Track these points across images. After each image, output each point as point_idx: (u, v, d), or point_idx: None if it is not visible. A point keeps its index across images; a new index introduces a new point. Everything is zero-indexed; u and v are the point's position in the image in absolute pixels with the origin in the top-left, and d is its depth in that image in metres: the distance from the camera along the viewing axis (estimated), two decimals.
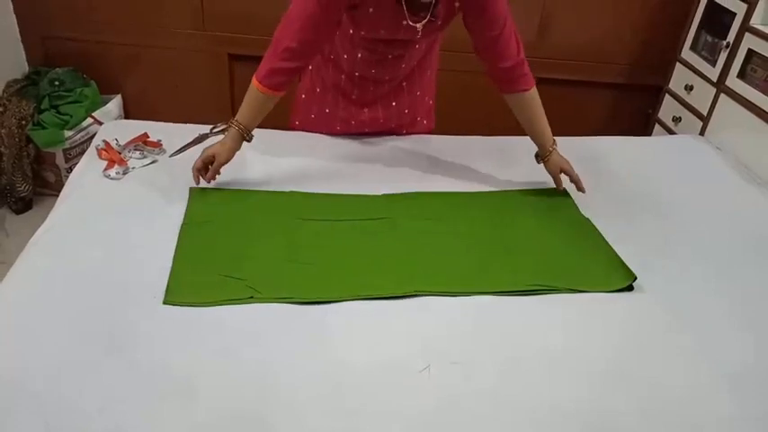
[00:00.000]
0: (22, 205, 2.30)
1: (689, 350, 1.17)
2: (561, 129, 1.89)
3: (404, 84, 1.71)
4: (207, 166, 1.47)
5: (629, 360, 1.14)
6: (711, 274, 1.37)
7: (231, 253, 1.31)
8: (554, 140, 1.57)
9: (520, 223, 1.48)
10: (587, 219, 1.50)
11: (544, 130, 1.57)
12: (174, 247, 1.30)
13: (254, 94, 1.46)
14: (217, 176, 1.48)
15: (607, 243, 1.41)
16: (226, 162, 1.46)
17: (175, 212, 1.41)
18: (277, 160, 1.63)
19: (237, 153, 1.50)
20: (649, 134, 2.40)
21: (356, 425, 0.99)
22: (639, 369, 1.12)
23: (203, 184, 1.48)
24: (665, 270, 1.37)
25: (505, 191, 1.61)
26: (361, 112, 1.72)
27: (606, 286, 1.29)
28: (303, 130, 1.79)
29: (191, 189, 1.48)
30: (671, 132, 2.28)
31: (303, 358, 1.09)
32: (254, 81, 1.45)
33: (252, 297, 1.19)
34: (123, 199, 1.44)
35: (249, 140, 1.49)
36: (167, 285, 1.21)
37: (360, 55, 1.59)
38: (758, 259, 1.43)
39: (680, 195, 1.66)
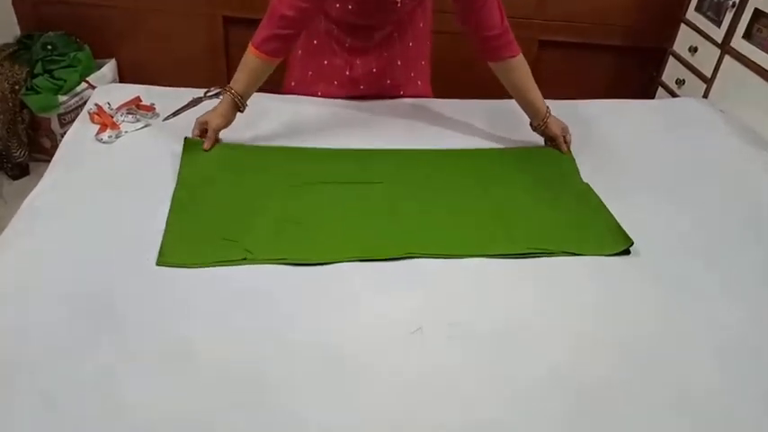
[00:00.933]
0: (19, 171, 2.29)
1: (682, 319, 1.16)
2: (564, 92, 1.87)
3: (395, 34, 1.70)
4: (203, 135, 1.46)
5: (621, 327, 1.13)
6: (711, 241, 1.35)
7: (225, 214, 1.30)
8: (548, 108, 1.56)
9: (517, 184, 1.46)
10: (586, 183, 1.48)
11: (535, 99, 1.55)
12: (167, 211, 1.29)
13: (250, 60, 1.44)
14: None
15: (605, 207, 1.39)
16: (219, 128, 1.46)
17: (168, 176, 1.39)
18: (271, 125, 1.61)
19: (238, 116, 1.48)
20: (653, 97, 2.36)
21: (350, 384, 0.99)
22: (631, 336, 1.11)
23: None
24: (664, 236, 1.35)
25: (505, 149, 1.59)
26: (355, 64, 1.70)
27: (602, 250, 1.28)
28: (298, 92, 1.76)
29: (185, 139, 1.47)
30: (674, 95, 2.24)
31: (298, 320, 1.08)
32: (251, 47, 1.43)
33: (245, 259, 1.19)
34: (116, 163, 1.42)
35: (242, 110, 1.47)
36: (161, 246, 1.20)
37: (350, 6, 1.59)
38: (761, 226, 1.40)
39: (681, 159, 1.63)
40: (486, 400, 0.98)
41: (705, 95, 2.06)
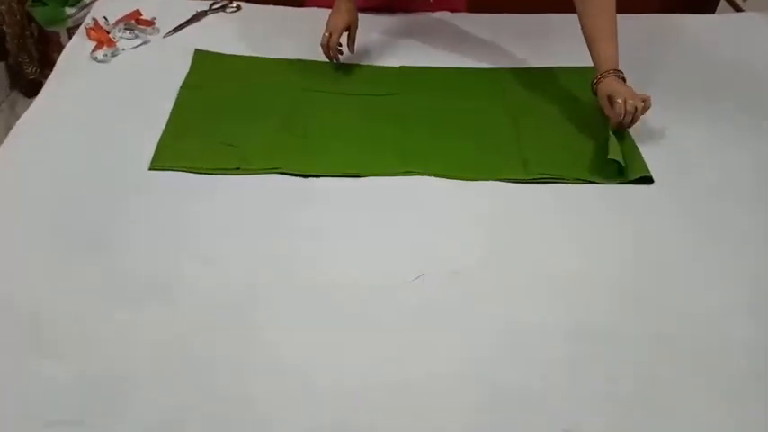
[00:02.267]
0: (33, 88, 2.23)
1: (710, 266, 1.04)
2: (620, 6, 1.66)
3: None
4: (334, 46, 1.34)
5: (642, 277, 1.02)
6: (755, 183, 1.19)
7: (225, 118, 1.26)
8: (613, 70, 1.23)
9: (539, 105, 1.34)
10: None
11: (601, 52, 1.24)
12: (161, 131, 1.22)
13: None
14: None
15: (627, 132, 1.25)
16: (357, 25, 1.37)
17: (167, 99, 1.30)
18: (288, 42, 1.47)
19: (245, 33, 1.38)
20: (713, 12, 2.10)
21: (339, 325, 0.93)
22: (655, 286, 1.00)
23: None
24: (703, 174, 1.20)
25: (530, 68, 1.45)
26: None
27: (618, 178, 1.17)
28: (321, 3, 1.60)
29: (195, 51, 1.42)
30: (738, 9, 1.99)
31: (289, 246, 1.03)
32: None
33: (239, 168, 1.15)
34: (111, 84, 1.33)
35: None
36: (156, 148, 1.17)
37: None
38: None
39: (740, 86, 1.43)
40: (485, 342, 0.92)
41: None
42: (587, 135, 1.27)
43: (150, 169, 1.14)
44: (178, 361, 0.87)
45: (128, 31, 1.45)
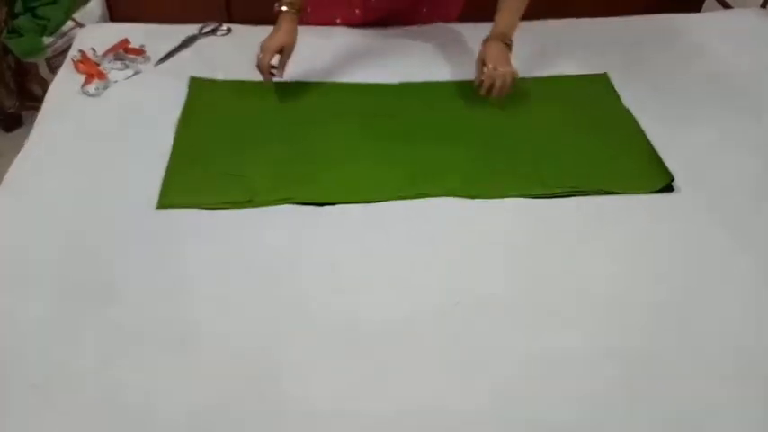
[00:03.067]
0: (12, 122, 2.15)
1: (744, 271, 1.02)
2: (606, 8, 1.65)
3: None
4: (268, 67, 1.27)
5: (680, 292, 1.00)
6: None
7: (229, 149, 1.21)
8: (504, 33, 1.29)
9: (549, 114, 1.32)
10: (628, 110, 1.32)
11: (498, 16, 1.30)
12: (163, 167, 1.17)
13: None
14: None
15: (646, 139, 1.24)
16: (293, 49, 1.28)
17: (166, 130, 1.25)
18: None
19: (239, 56, 1.33)
20: (699, 10, 2.12)
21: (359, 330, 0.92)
22: (686, 297, 0.99)
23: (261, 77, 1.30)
24: (718, 174, 1.19)
25: (537, 77, 1.42)
26: None
27: (640, 188, 1.14)
28: (314, 20, 1.57)
29: (191, 79, 1.37)
30: (727, 6, 2.00)
31: (308, 284, 0.99)
32: None
33: (250, 201, 1.11)
34: (105, 119, 1.28)
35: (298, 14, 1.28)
36: (161, 188, 1.12)
37: None
38: None
39: (737, 83, 1.43)
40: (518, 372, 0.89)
41: (764, 5, 1.83)
42: (601, 144, 1.25)
43: (158, 208, 1.09)
44: (203, 418, 0.83)
45: (118, 62, 1.40)
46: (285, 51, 1.26)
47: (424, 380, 0.87)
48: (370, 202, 1.12)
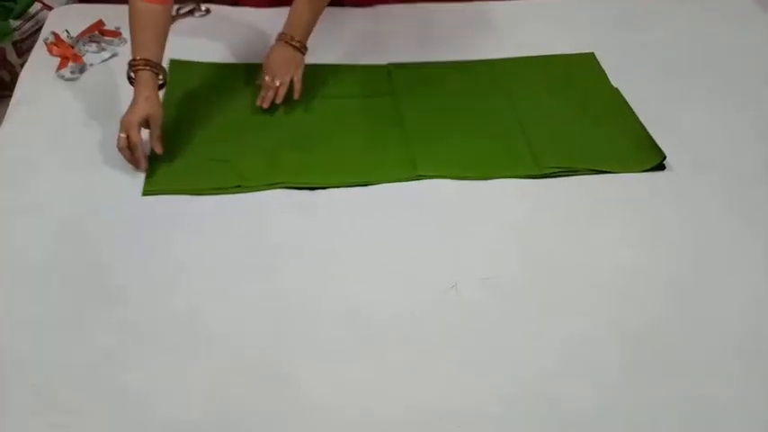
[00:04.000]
0: None
1: (730, 249, 1.03)
2: None
3: None
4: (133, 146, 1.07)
5: (660, 260, 1.00)
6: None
7: (216, 132, 1.18)
8: (291, 33, 1.21)
9: (537, 95, 1.31)
10: (616, 89, 1.32)
11: (290, 11, 1.21)
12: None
13: (140, 12, 1.09)
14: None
15: (635, 118, 1.24)
16: (161, 117, 1.10)
17: None
18: (265, 45, 1.38)
19: (219, 38, 1.27)
20: None
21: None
22: (672, 272, 0.99)
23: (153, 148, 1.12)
24: (710, 151, 1.20)
25: (522, 57, 1.41)
26: None
27: (632, 167, 1.14)
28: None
29: (171, 61, 1.30)
30: None
31: (307, 272, 0.96)
32: None
33: (239, 186, 1.08)
34: (84, 103, 1.23)
35: (163, 82, 1.13)
36: (146, 173, 1.08)
37: None
38: None
39: (726, 60, 1.43)
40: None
41: None
42: (591, 124, 1.24)
43: (143, 195, 1.05)
44: (209, 410, 0.81)
45: (93, 44, 1.35)
46: (152, 122, 1.08)
47: (429, 369, 0.86)
48: (366, 184, 1.10)
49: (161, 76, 1.11)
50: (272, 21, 1.47)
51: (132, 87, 1.10)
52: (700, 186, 1.12)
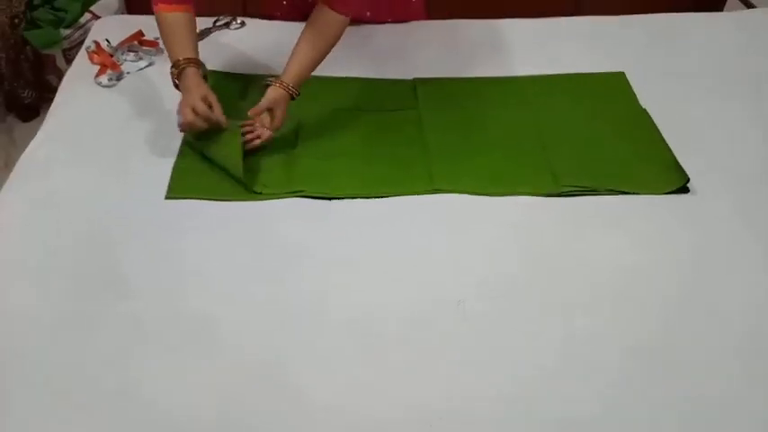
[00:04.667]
0: (29, 112, 2.17)
1: (749, 272, 1.00)
2: (630, 7, 1.63)
3: None
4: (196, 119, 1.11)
5: (693, 293, 0.98)
6: None
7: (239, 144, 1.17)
8: (287, 86, 1.17)
9: (562, 113, 1.30)
10: (644, 110, 1.30)
11: (292, 60, 1.19)
12: (173, 158, 1.17)
13: (171, 19, 1.15)
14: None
15: (662, 139, 1.22)
16: (214, 96, 1.15)
17: (176, 121, 1.25)
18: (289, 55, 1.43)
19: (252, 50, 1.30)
20: (721, 9, 2.07)
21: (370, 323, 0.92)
22: (705, 293, 0.97)
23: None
24: (735, 177, 1.17)
25: (549, 75, 1.40)
26: None
27: (654, 189, 1.12)
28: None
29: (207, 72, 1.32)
30: (750, 6, 1.96)
31: (319, 279, 0.98)
32: (160, 7, 1.16)
33: (261, 193, 1.10)
34: (118, 109, 1.29)
35: (205, 76, 1.17)
36: (171, 178, 1.12)
37: None
38: None
39: (758, 86, 1.39)
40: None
41: None
42: (616, 143, 1.23)
43: (166, 198, 1.09)
44: (215, 411, 0.83)
45: (131, 53, 1.41)
46: (212, 99, 1.13)
47: (438, 375, 0.87)
48: (383, 197, 1.11)
49: (203, 72, 1.16)
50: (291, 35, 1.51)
51: (176, 92, 1.15)
52: (721, 212, 1.10)
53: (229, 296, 0.95)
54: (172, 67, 1.15)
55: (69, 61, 2.12)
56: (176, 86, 1.17)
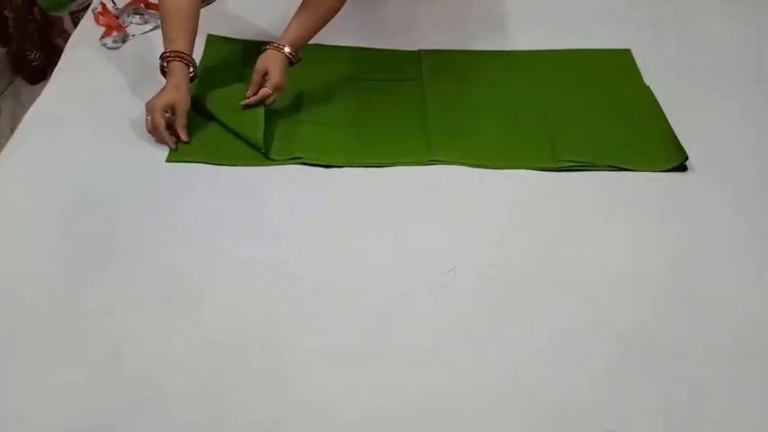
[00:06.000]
0: (36, 75, 2.17)
1: (757, 256, 0.99)
2: None
3: None
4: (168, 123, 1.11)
5: (691, 272, 0.97)
6: None
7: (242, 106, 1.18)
8: (284, 47, 1.15)
9: (565, 88, 1.30)
10: (647, 87, 1.29)
11: (290, 24, 1.18)
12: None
13: (169, 7, 1.14)
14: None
15: (662, 116, 1.21)
16: (188, 106, 1.13)
17: None
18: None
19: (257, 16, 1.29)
20: None
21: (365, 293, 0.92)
22: (700, 277, 0.96)
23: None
24: (736, 157, 1.16)
25: (555, 50, 1.39)
26: None
27: (652, 166, 1.12)
28: None
29: (208, 36, 1.35)
30: None
31: (316, 244, 0.99)
32: None
33: (261, 159, 1.11)
34: (122, 72, 1.29)
35: (194, 74, 1.16)
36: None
37: None
38: None
39: (765, 67, 1.37)
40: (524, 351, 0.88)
41: None
42: (616, 120, 1.22)
43: (167, 161, 1.10)
44: (209, 360, 0.84)
45: (137, 16, 1.41)
46: (178, 109, 1.10)
47: (429, 350, 0.87)
48: (381, 166, 1.11)
49: (191, 69, 1.15)
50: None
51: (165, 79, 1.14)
52: (715, 189, 1.09)
53: (221, 259, 0.96)
54: (162, 53, 1.14)
55: (77, 24, 2.12)
56: (163, 74, 1.15)
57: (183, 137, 1.13)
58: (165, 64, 1.13)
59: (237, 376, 0.83)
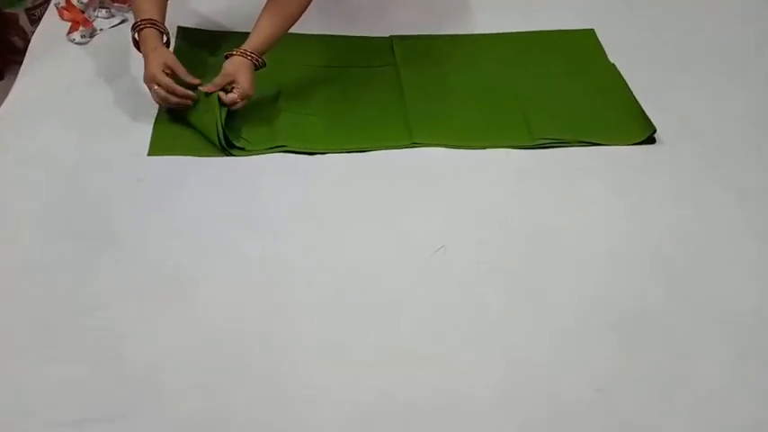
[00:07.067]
0: None
1: (719, 223, 1.04)
2: None
3: None
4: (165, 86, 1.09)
5: (650, 237, 1.01)
6: (755, 127, 1.22)
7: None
8: (251, 53, 1.14)
9: (536, 69, 1.34)
10: (613, 65, 1.34)
11: (257, 26, 1.17)
12: (153, 114, 1.16)
13: None
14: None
15: (629, 92, 1.27)
16: (176, 59, 1.13)
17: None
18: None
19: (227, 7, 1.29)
20: None
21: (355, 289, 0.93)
22: (674, 246, 1.01)
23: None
24: (703, 128, 1.21)
25: (521, 32, 1.43)
26: None
27: (622, 139, 1.17)
28: None
29: (179, 28, 1.34)
30: None
31: (303, 231, 1.00)
32: None
33: (241, 149, 1.11)
34: (92, 67, 1.27)
35: (167, 41, 1.15)
36: (152, 135, 1.12)
37: None
38: None
39: (732, 45, 1.43)
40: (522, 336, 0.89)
41: None
42: (585, 97, 1.27)
43: (149, 155, 1.09)
44: (205, 354, 0.85)
45: (103, 10, 1.38)
46: (172, 64, 1.11)
47: (420, 336, 0.88)
48: (363, 151, 1.13)
49: (165, 36, 1.14)
50: None
51: (140, 54, 1.13)
52: (690, 162, 1.14)
53: (209, 250, 0.96)
54: (133, 24, 1.12)
55: (34, 21, 2.06)
56: (136, 46, 1.14)
57: (194, 80, 1.12)
58: (136, 35, 1.11)
59: (233, 371, 0.83)
